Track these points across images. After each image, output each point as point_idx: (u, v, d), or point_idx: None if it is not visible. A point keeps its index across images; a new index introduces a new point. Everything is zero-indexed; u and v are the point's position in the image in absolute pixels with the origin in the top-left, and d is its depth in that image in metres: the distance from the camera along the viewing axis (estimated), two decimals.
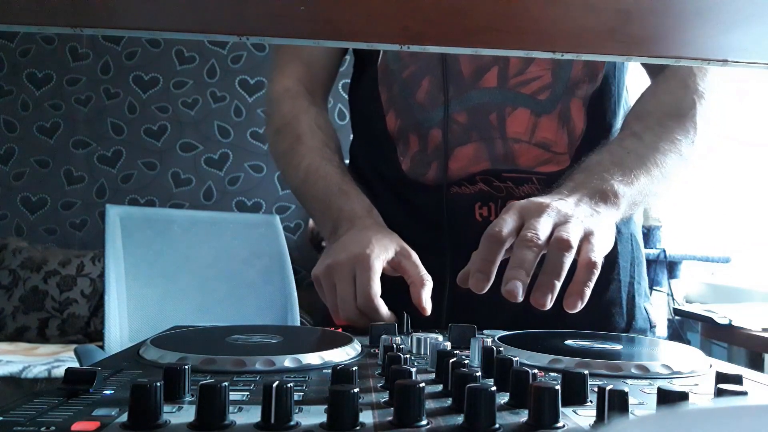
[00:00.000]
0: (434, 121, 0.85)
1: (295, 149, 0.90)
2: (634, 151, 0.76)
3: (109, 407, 0.35)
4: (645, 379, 0.46)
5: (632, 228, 0.90)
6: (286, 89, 0.95)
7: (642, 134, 0.78)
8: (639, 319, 0.87)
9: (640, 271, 0.89)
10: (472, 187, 0.84)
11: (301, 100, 0.94)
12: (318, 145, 0.90)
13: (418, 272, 0.74)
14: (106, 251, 1.44)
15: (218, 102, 3.33)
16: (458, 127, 0.85)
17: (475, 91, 0.84)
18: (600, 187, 0.70)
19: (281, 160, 0.94)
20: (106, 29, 0.44)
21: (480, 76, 0.84)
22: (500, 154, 0.83)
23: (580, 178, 0.73)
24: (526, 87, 0.84)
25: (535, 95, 0.84)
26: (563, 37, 0.44)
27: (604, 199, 0.69)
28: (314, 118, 0.92)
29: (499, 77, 0.84)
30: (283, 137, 0.93)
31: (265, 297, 1.66)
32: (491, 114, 0.84)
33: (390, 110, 0.90)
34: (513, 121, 0.83)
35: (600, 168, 0.73)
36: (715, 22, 0.41)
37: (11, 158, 3.26)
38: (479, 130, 0.84)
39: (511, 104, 0.84)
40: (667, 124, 0.79)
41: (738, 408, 0.19)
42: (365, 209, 0.82)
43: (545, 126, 0.84)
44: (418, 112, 0.87)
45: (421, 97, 0.87)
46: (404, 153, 0.89)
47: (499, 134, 0.83)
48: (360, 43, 0.46)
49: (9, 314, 2.78)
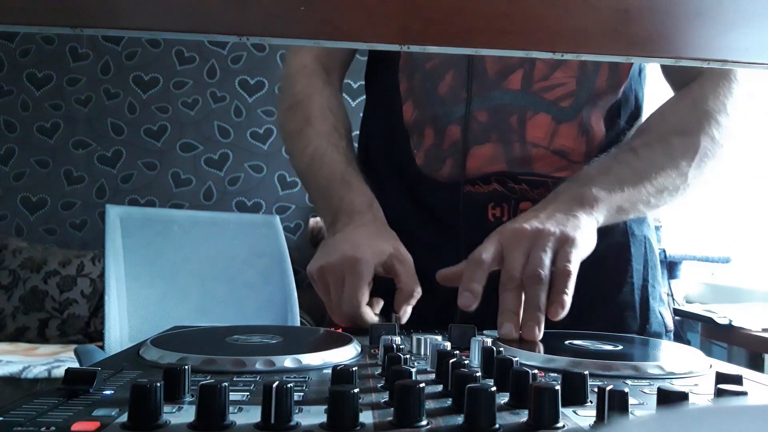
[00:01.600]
0: (454, 116, 0.85)
1: (304, 131, 0.89)
2: (626, 163, 0.77)
3: (109, 407, 0.35)
4: (645, 379, 0.46)
5: (645, 230, 0.90)
6: (303, 65, 0.94)
7: (638, 149, 0.78)
8: (653, 323, 0.85)
9: (654, 274, 0.88)
10: (486, 187, 0.83)
11: (316, 79, 0.93)
12: (327, 129, 0.88)
13: (408, 280, 0.74)
14: (106, 251, 1.44)
15: (218, 102, 3.33)
16: (478, 126, 0.84)
17: (499, 92, 0.84)
18: (577, 193, 0.73)
19: (289, 141, 0.93)
20: (106, 29, 0.44)
21: (504, 76, 0.84)
22: (517, 157, 0.83)
23: (561, 187, 0.76)
24: (549, 93, 0.83)
25: (558, 102, 0.83)
26: (563, 37, 0.44)
27: (581, 203, 0.72)
28: (327, 99, 0.91)
29: (523, 80, 0.83)
30: (294, 116, 0.91)
31: (265, 297, 1.66)
32: (512, 116, 0.83)
33: (408, 100, 0.89)
34: (533, 125, 0.83)
35: (583, 177, 0.76)
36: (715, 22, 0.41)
37: (11, 158, 3.26)
38: (499, 131, 0.83)
39: (533, 108, 0.83)
40: (669, 141, 0.79)
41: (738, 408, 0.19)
42: (366, 203, 0.82)
43: (565, 133, 0.83)
44: (438, 105, 0.86)
45: (443, 90, 0.86)
46: (418, 145, 0.88)
47: (518, 137, 0.83)
48: (360, 43, 0.46)
49: (9, 314, 2.78)
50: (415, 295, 0.74)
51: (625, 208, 0.75)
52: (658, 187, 0.76)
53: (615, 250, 0.86)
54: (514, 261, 0.66)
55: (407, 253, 0.76)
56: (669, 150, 0.78)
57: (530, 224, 0.68)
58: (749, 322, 1.83)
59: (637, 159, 0.77)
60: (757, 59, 0.45)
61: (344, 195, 0.82)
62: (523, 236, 0.67)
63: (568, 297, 0.63)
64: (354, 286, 0.71)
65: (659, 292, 0.89)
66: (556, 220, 0.69)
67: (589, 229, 0.71)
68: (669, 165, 0.77)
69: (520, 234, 0.67)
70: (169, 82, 3.31)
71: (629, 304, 0.85)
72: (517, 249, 0.66)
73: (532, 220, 0.69)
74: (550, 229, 0.67)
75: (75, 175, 3.28)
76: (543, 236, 0.66)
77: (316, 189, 0.87)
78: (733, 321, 1.86)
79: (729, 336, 1.92)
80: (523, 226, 0.68)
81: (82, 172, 3.28)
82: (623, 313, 0.84)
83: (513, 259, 0.66)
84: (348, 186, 0.83)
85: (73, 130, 3.28)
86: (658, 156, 0.77)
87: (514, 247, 0.66)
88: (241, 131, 3.33)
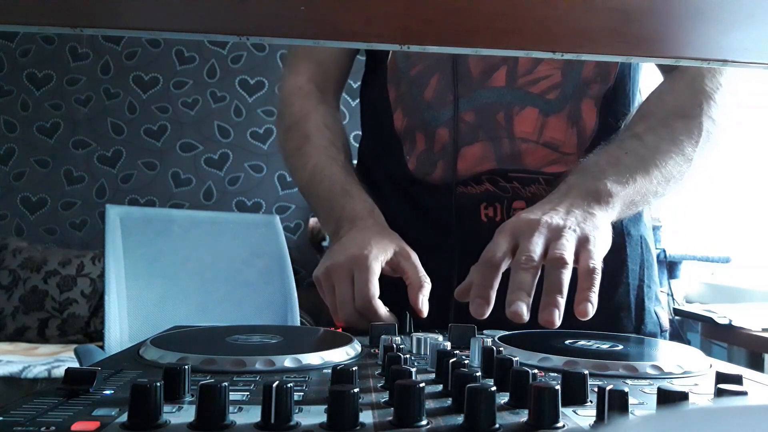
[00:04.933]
0: (442, 119, 0.85)
1: (303, 149, 0.90)
2: (633, 152, 0.75)
3: (109, 407, 0.35)
4: (645, 379, 0.46)
5: (642, 230, 0.89)
6: (298, 87, 0.96)
7: (643, 135, 0.77)
8: (649, 323, 0.85)
9: (650, 274, 0.88)
10: (478, 187, 0.83)
11: (311, 99, 0.95)
12: (325, 144, 0.90)
13: (416, 273, 0.74)
14: (106, 251, 1.44)
15: (218, 102, 3.33)
16: (465, 126, 0.84)
17: (484, 90, 0.84)
18: (593, 188, 0.71)
19: (289, 160, 0.94)
20: (106, 29, 0.44)
21: (488, 75, 0.84)
22: (507, 154, 0.83)
23: (573, 180, 0.73)
24: (534, 86, 0.83)
25: (543, 94, 0.83)
26: (563, 37, 0.44)
27: (597, 199, 0.70)
28: (323, 116, 0.93)
29: (507, 76, 0.84)
30: (292, 136, 0.93)
31: (265, 297, 1.66)
32: (499, 113, 0.83)
33: (398, 108, 0.90)
34: (520, 120, 0.83)
35: (595, 168, 0.73)
36: (715, 22, 0.41)
37: (11, 158, 3.26)
38: (486, 130, 0.83)
39: (519, 103, 0.83)
40: (671, 125, 0.77)
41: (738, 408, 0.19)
42: (367, 209, 0.82)
43: (553, 126, 0.83)
44: (425, 110, 0.86)
45: (429, 95, 0.86)
46: (411, 152, 0.88)
47: (506, 133, 0.83)
48: (360, 43, 0.46)
49: (9, 314, 2.78)
50: (426, 287, 0.73)
51: (636, 201, 0.74)
52: (666, 175, 0.75)
53: (611, 250, 0.85)
54: (533, 245, 0.62)
55: (411, 250, 0.76)
56: (673, 135, 0.76)
57: (550, 216, 0.65)
58: (749, 322, 1.83)
59: (644, 147, 0.75)
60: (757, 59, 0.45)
61: (345, 204, 0.83)
62: (542, 228, 0.64)
63: (596, 295, 0.60)
64: (365, 278, 0.70)
65: (655, 291, 0.89)
66: (575, 218, 0.66)
67: (606, 226, 0.69)
68: (675, 151, 0.75)
69: (537, 224, 0.64)
70: (169, 82, 3.31)
71: (624, 305, 0.85)
72: (535, 236, 0.63)
73: (551, 213, 0.66)
74: (571, 227, 0.64)
75: (75, 175, 3.28)
76: (564, 232, 0.64)
77: (318, 201, 0.88)
78: (733, 321, 1.86)
79: (729, 336, 1.92)
80: (542, 218, 0.65)
81: (82, 172, 3.28)
82: (618, 313, 0.84)
83: (532, 243, 0.62)
84: (349, 195, 0.84)
85: (73, 130, 3.28)
86: (663, 142, 0.76)
87: (531, 235, 0.63)
88: (241, 131, 3.33)
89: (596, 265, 0.62)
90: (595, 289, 0.60)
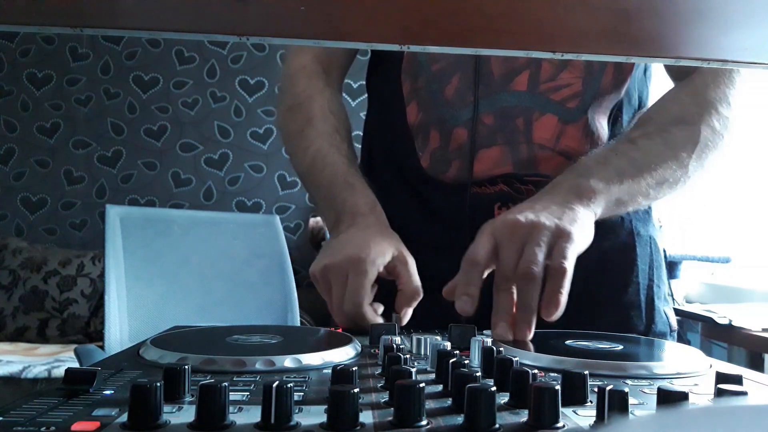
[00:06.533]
0: (460, 119, 0.84)
1: (305, 132, 0.88)
2: (623, 153, 0.75)
3: (109, 407, 0.35)
4: (645, 379, 0.46)
5: (651, 230, 0.89)
6: (303, 66, 0.93)
7: (637, 140, 0.77)
8: (659, 323, 0.85)
9: (659, 274, 0.88)
10: (492, 188, 0.83)
11: (317, 80, 0.92)
12: (328, 129, 0.88)
13: (410, 282, 0.74)
14: (106, 251, 1.44)
15: (218, 102, 3.33)
16: (484, 129, 0.83)
17: (505, 94, 0.83)
18: (575, 184, 0.71)
19: (289, 141, 0.92)
20: (106, 29, 0.44)
21: (511, 78, 0.83)
22: (524, 159, 0.82)
23: (559, 178, 0.74)
24: (556, 93, 0.83)
25: (564, 102, 0.83)
26: (563, 37, 0.44)
27: (579, 195, 0.70)
28: (328, 101, 0.91)
29: (530, 81, 0.83)
30: (294, 117, 0.91)
31: (265, 297, 1.66)
32: (518, 118, 0.83)
33: (412, 101, 0.88)
34: (540, 126, 0.82)
35: (581, 167, 0.74)
36: (715, 22, 0.41)
37: (11, 158, 3.26)
38: (505, 134, 0.83)
39: (540, 109, 0.83)
40: (668, 130, 0.77)
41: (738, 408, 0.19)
42: (368, 205, 0.81)
43: (571, 134, 0.83)
44: (444, 108, 0.85)
45: (450, 93, 0.85)
46: (423, 147, 0.87)
47: (524, 138, 0.82)
48: (360, 43, 0.46)
49: (9, 314, 2.78)
50: (417, 297, 0.74)
51: (624, 200, 0.74)
52: (658, 179, 0.75)
53: (620, 250, 0.85)
54: (508, 259, 0.64)
55: (409, 255, 0.76)
56: (669, 140, 0.76)
57: (525, 216, 0.66)
58: (749, 322, 1.83)
59: (636, 150, 0.76)
60: (757, 59, 0.45)
61: (347, 197, 0.82)
62: (517, 229, 0.65)
63: (563, 296, 0.61)
64: (357, 284, 0.70)
65: (664, 291, 0.89)
66: (551, 213, 0.67)
67: (587, 222, 0.69)
68: (669, 156, 0.76)
69: (513, 226, 0.65)
70: (169, 82, 3.31)
71: (635, 304, 0.84)
72: (510, 245, 0.64)
73: (527, 212, 0.67)
74: (545, 223, 0.65)
75: (75, 175, 3.27)
76: (537, 230, 0.64)
77: (318, 190, 0.87)
78: (733, 321, 1.86)
79: (729, 336, 1.92)
80: (517, 218, 0.66)
81: (82, 172, 3.28)
82: (629, 313, 0.84)
83: (507, 257, 0.64)
84: (351, 188, 0.83)
85: (73, 130, 3.28)
86: (657, 146, 0.76)
87: (507, 243, 0.65)
88: (241, 131, 3.33)
89: (566, 265, 0.62)
90: (564, 290, 0.61)
